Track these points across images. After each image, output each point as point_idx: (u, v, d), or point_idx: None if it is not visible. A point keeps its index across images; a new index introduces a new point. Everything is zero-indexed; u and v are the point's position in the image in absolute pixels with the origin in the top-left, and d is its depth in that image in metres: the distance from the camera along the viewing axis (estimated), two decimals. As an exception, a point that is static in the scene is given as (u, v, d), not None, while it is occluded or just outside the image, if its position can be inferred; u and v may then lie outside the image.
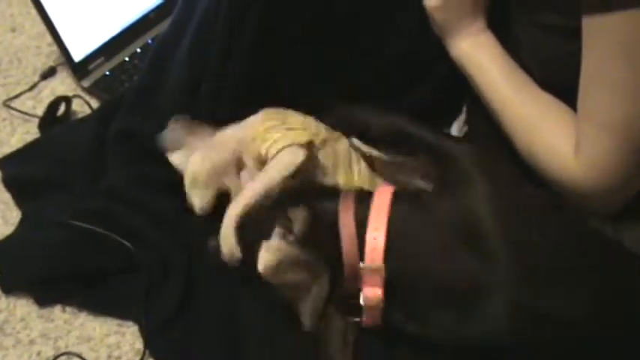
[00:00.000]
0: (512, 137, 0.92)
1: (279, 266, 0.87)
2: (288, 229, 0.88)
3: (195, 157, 0.99)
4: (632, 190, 0.86)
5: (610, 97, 0.81)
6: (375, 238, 0.85)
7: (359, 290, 0.87)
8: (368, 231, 0.86)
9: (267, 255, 0.86)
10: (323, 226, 0.88)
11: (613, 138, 0.82)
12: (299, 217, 0.88)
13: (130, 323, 1.06)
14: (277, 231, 0.88)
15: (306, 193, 0.93)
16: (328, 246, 0.88)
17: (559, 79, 0.89)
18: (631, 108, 0.80)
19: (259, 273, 0.87)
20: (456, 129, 1.08)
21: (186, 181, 1.00)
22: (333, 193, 0.92)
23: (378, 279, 0.85)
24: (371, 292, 0.86)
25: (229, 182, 0.99)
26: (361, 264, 0.85)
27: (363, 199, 0.89)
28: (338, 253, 0.87)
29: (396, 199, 0.88)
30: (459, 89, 1.00)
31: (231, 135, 1.00)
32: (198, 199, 0.99)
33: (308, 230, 0.87)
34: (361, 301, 0.87)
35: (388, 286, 0.85)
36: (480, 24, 0.96)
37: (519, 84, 0.93)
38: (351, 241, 0.87)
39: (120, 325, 1.06)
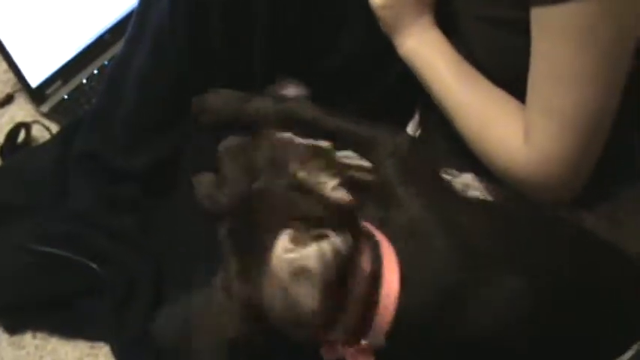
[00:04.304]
0: (462, 131, 0.93)
1: None
2: None
3: None
4: (580, 180, 0.87)
5: (558, 86, 0.82)
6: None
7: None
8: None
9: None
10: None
11: (562, 125, 0.83)
12: None
13: (102, 344, 1.06)
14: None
15: None
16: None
17: (508, 72, 0.90)
18: (579, 95, 0.82)
19: None
20: (410, 131, 1.09)
21: None
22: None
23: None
24: None
25: None
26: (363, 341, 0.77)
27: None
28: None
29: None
30: (412, 92, 1.01)
31: None
32: None
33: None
34: None
35: None
36: (426, 20, 0.97)
37: (467, 78, 0.93)
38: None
39: (92, 347, 1.06)
